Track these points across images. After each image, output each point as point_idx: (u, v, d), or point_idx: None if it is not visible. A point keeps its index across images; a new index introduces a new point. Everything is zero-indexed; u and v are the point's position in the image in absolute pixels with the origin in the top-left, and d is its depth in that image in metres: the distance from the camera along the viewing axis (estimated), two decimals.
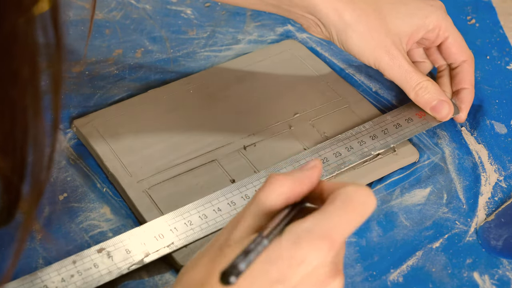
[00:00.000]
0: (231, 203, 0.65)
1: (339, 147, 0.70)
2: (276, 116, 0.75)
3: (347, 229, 0.47)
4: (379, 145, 0.70)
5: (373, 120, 0.72)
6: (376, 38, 0.70)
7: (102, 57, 0.82)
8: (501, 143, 0.74)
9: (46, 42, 0.43)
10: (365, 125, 0.72)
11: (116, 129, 0.73)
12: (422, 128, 0.72)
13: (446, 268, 0.64)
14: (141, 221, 0.67)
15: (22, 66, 0.42)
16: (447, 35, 0.73)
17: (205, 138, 0.73)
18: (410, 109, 0.73)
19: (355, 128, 0.71)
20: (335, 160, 0.69)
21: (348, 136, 0.71)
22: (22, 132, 0.44)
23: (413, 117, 0.73)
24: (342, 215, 0.47)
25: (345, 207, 0.48)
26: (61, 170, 0.70)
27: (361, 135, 0.71)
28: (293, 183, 0.50)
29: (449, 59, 0.75)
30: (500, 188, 0.70)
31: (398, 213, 0.68)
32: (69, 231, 0.66)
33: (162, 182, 0.69)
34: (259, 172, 0.68)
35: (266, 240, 0.47)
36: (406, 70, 0.70)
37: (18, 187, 0.46)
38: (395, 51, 0.70)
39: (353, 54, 0.71)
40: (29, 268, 0.63)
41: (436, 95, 0.71)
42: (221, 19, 0.87)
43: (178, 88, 0.78)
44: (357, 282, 0.63)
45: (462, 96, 0.73)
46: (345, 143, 0.70)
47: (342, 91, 0.78)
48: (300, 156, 0.69)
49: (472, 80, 0.74)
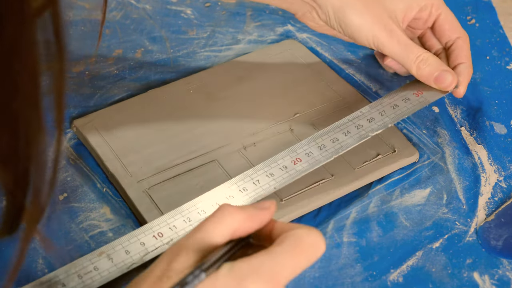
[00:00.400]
0: (229, 197, 0.65)
1: (336, 133, 0.69)
2: (276, 116, 0.75)
3: (293, 272, 0.47)
4: (376, 127, 0.69)
5: (370, 104, 0.72)
6: (373, 14, 0.70)
7: (102, 57, 0.82)
8: (501, 144, 0.74)
9: (46, 42, 0.43)
10: (361, 109, 0.71)
11: (116, 129, 0.73)
12: (420, 105, 0.71)
13: (446, 268, 0.64)
14: (141, 221, 0.67)
15: (23, 79, 0.42)
16: (440, 12, 0.73)
17: (205, 138, 0.73)
18: (407, 89, 0.72)
19: (351, 114, 0.71)
20: (332, 145, 0.68)
21: (345, 122, 0.70)
22: (24, 144, 0.44)
23: (410, 97, 0.72)
24: (290, 257, 0.47)
25: (294, 250, 0.47)
26: (61, 170, 0.70)
27: (358, 119, 0.70)
28: (244, 217, 0.49)
29: (443, 37, 0.74)
30: (500, 188, 0.70)
31: (398, 213, 0.68)
32: (69, 231, 0.66)
33: (162, 182, 0.69)
34: (256, 166, 0.67)
35: (204, 274, 0.46)
36: (405, 44, 0.70)
37: (21, 199, 0.46)
38: (393, 26, 0.70)
39: (351, 33, 0.71)
40: (29, 268, 0.63)
41: (437, 66, 0.70)
42: (221, 19, 0.87)
43: (178, 88, 0.78)
44: (357, 282, 0.63)
45: (460, 70, 0.72)
46: (342, 129, 0.69)
47: (342, 91, 0.78)
48: (297, 146, 0.68)
49: (468, 55, 0.73)
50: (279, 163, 0.67)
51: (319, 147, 0.68)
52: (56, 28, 0.42)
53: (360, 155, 0.71)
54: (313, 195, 0.68)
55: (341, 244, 0.66)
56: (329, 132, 0.69)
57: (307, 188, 0.68)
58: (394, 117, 0.70)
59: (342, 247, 0.65)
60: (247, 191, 0.65)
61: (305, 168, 0.66)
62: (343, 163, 0.71)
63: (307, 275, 0.63)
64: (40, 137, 0.44)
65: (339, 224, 0.67)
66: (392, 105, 0.71)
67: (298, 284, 0.63)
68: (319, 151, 0.67)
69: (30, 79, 0.42)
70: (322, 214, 0.68)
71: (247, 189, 0.65)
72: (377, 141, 0.73)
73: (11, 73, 0.41)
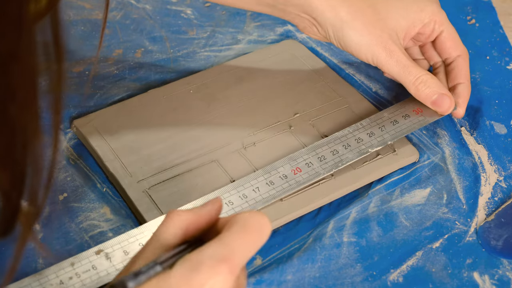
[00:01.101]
0: (228, 202, 0.65)
1: (336, 145, 0.70)
2: (276, 116, 0.75)
3: (246, 252, 0.48)
4: (376, 142, 0.70)
5: (370, 117, 0.72)
6: (372, 34, 0.70)
7: (102, 57, 0.82)
8: (501, 144, 0.74)
9: (46, 44, 0.42)
10: (362, 122, 0.72)
11: (116, 129, 0.73)
12: (419, 124, 0.72)
13: (446, 268, 0.64)
14: (141, 221, 0.67)
15: (21, 84, 0.42)
16: (442, 29, 0.73)
17: (205, 138, 0.73)
18: (407, 105, 0.73)
19: (352, 126, 0.71)
20: (332, 158, 0.69)
21: (345, 133, 0.70)
22: (21, 148, 0.44)
23: (410, 114, 0.72)
24: (240, 238, 0.48)
25: (243, 231, 0.48)
26: (61, 170, 0.70)
27: (358, 132, 0.71)
28: (191, 216, 0.50)
29: (444, 54, 0.75)
30: (500, 188, 0.70)
31: (398, 213, 0.68)
32: (69, 231, 0.66)
33: (162, 182, 0.69)
34: (257, 171, 0.68)
35: (160, 266, 0.47)
36: (404, 65, 0.70)
37: (17, 201, 0.46)
38: (393, 46, 0.70)
39: (351, 51, 0.71)
40: (29, 268, 0.63)
41: (436, 89, 0.70)
42: (221, 19, 0.87)
43: (178, 88, 0.78)
44: (357, 282, 0.63)
45: (459, 91, 0.73)
46: (342, 141, 0.70)
47: (342, 91, 0.78)
48: (297, 155, 0.69)
49: (467, 74, 0.73)
50: (279, 171, 0.67)
51: (319, 158, 0.68)
52: (55, 31, 0.42)
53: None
54: (313, 195, 0.68)
55: (341, 244, 0.66)
56: (329, 142, 0.69)
57: (307, 188, 0.68)
58: (394, 134, 0.71)
59: (342, 247, 0.65)
60: (247, 198, 0.65)
61: (304, 180, 0.67)
62: None
63: (307, 275, 0.63)
64: (36, 141, 0.44)
65: (339, 224, 0.67)
66: (392, 121, 0.71)
67: (298, 284, 0.63)
68: (319, 162, 0.68)
69: (27, 83, 0.42)
70: (322, 214, 0.68)
71: (246, 196, 0.66)
72: None
73: (8, 77, 0.41)
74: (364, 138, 0.70)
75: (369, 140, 0.70)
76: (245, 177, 0.67)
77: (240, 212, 0.50)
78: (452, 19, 0.75)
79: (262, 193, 0.66)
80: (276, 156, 0.71)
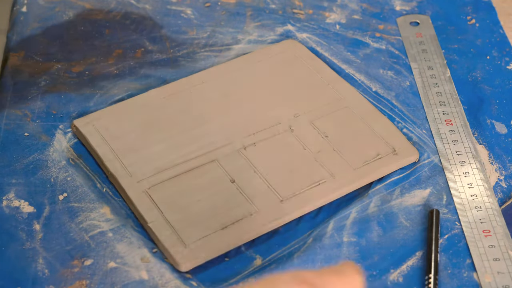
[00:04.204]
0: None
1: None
2: (276, 116, 0.75)
3: None
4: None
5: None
6: None
7: (102, 57, 0.82)
8: (501, 143, 0.74)
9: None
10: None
11: (116, 129, 0.73)
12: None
13: (446, 268, 0.64)
14: (141, 221, 0.67)
15: None
16: None
17: (205, 138, 0.73)
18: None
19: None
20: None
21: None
22: None
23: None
24: None
25: None
26: (61, 170, 0.70)
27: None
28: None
29: None
30: (500, 188, 0.70)
31: (398, 213, 0.68)
32: (69, 231, 0.66)
33: (162, 182, 0.69)
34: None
35: None
36: None
37: None
38: None
39: None
40: (29, 268, 0.63)
41: None
42: (221, 19, 0.87)
43: (178, 88, 0.78)
44: None
45: None
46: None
47: (342, 91, 0.78)
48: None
49: None
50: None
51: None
52: None
53: (360, 155, 0.71)
54: (313, 195, 0.68)
55: (341, 244, 0.66)
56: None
57: (307, 188, 0.68)
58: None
59: (342, 247, 0.65)
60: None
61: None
62: (343, 163, 0.71)
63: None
64: None
65: (339, 224, 0.67)
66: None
67: None
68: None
69: None
70: (322, 214, 0.68)
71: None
72: (377, 141, 0.73)
73: None
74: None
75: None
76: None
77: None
78: (452, 19, 0.75)
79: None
80: (276, 156, 0.71)
